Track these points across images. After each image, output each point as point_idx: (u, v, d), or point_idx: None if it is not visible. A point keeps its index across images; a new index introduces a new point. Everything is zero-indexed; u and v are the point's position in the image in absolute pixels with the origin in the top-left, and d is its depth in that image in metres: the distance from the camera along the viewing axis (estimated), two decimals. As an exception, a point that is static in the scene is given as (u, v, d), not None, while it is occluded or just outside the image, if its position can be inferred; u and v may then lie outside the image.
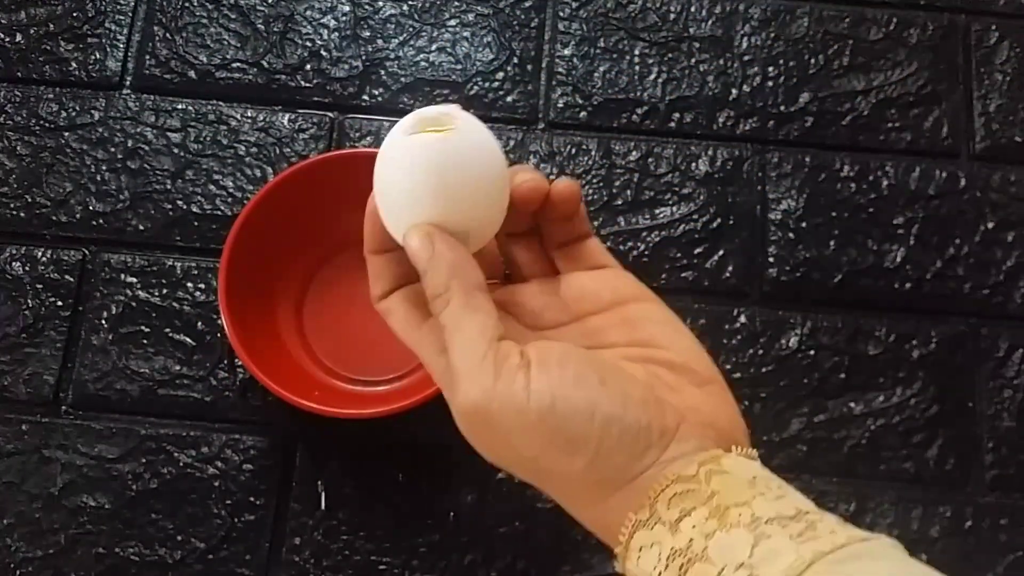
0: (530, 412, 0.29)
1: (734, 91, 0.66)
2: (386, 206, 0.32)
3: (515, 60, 0.66)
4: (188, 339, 0.60)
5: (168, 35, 0.66)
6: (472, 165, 0.31)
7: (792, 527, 0.28)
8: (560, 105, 0.65)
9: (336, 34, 0.67)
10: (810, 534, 0.27)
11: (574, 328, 0.34)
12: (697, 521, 0.28)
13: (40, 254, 0.61)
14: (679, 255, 0.62)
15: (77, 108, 0.65)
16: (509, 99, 0.65)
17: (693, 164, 0.64)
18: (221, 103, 0.65)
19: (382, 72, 0.66)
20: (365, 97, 0.65)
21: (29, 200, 0.62)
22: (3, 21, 0.66)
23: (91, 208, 0.62)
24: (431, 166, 0.31)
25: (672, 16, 0.68)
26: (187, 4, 0.67)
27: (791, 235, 0.63)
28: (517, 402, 0.29)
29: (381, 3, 0.68)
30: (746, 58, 0.67)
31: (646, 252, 0.62)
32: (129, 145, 0.64)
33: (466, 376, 0.30)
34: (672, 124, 0.65)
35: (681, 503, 0.29)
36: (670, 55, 0.67)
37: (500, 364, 0.30)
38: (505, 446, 0.30)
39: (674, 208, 0.63)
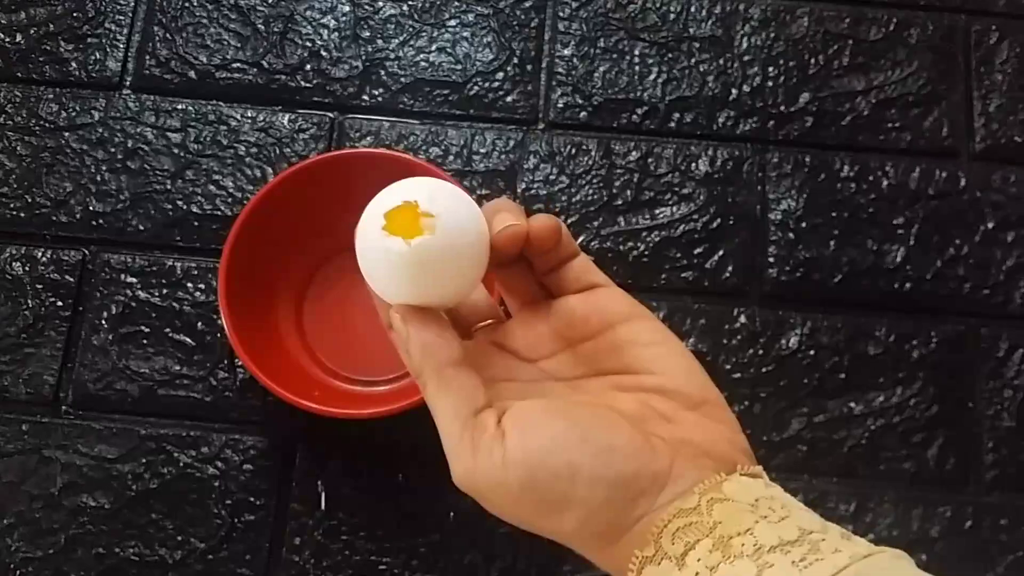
0: (510, 485, 0.30)
1: (734, 91, 0.66)
2: (369, 281, 0.33)
3: (515, 60, 0.66)
4: (188, 339, 0.60)
5: (168, 35, 0.66)
6: (449, 253, 0.31)
7: (794, 552, 0.27)
8: (560, 105, 0.65)
9: (336, 34, 0.67)
10: (812, 557, 0.27)
11: (567, 356, 0.34)
12: (702, 554, 0.28)
13: (40, 254, 0.61)
14: (679, 255, 0.62)
15: (77, 108, 0.65)
16: (509, 99, 0.65)
17: (693, 164, 0.64)
18: (221, 103, 0.65)
19: (382, 72, 0.66)
20: (365, 97, 0.65)
21: (29, 200, 0.62)
22: (3, 21, 0.66)
23: (91, 208, 0.62)
24: (407, 268, 0.31)
25: (672, 16, 0.68)
26: (187, 4, 0.67)
27: (791, 235, 0.63)
28: (496, 477, 0.30)
29: (381, 3, 0.68)
30: (746, 58, 0.67)
31: (646, 252, 0.62)
32: (129, 145, 0.64)
33: (451, 456, 0.32)
34: (672, 124, 0.65)
35: (685, 536, 0.29)
36: (670, 55, 0.67)
37: (477, 440, 0.31)
38: (500, 512, 0.31)
39: (674, 208, 0.63)
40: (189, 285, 0.61)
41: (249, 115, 0.65)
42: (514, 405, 0.32)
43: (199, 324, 0.60)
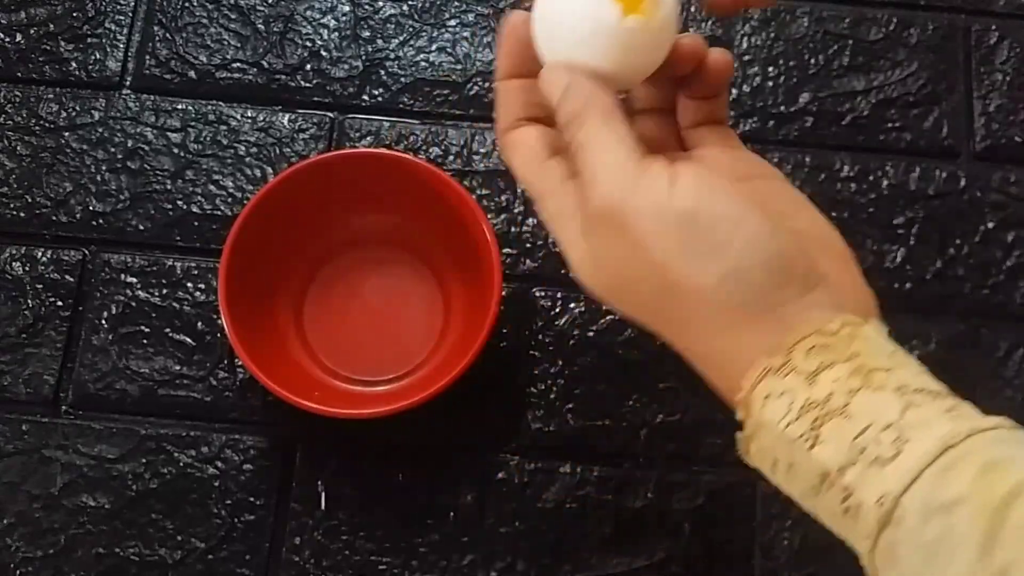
0: (670, 213, 0.28)
1: (734, 91, 0.66)
2: (545, 37, 0.31)
3: (515, 60, 0.66)
4: (188, 339, 0.60)
5: (168, 35, 0.66)
6: (650, 42, 0.31)
7: (941, 402, 0.26)
8: (560, 105, 0.65)
9: (336, 34, 0.67)
10: (960, 411, 0.26)
11: None
12: (839, 376, 0.27)
13: (40, 254, 0.61)
14: (679, 255, 0.62)
15: (77, 108, 0.65)
16: (509, 99, 0.65)
17: (693, 164, 0.64)
18: (221, 103, 0.65)
19: (382, 72, 0.66)
20: (365, 97, 0.65)
21: (29, 200, 0.62)
22: (3, 21, 0.66)
23: (91, 208, 0.62)
24: (607, 40, 0.30)
25: (672, 16, 0.68)
26: (187, 4, 0.67)
27: (791, 235, 0.63)
28: (657, 200, 0.28)
29: (381, 3, 0.68)
30: (746, 58, 0.67)
31: (646, 252, 0.62)
32: (129, 145, 0.64)
33: (605, 176, 0.29)
34: (672, 124, 0.65)
35: (821, 356, 0.27)
36: (670, 55, 0.67)
37: (644, 166, 0.29)
38: (634, 254, 0.29)
39: (674, 208, 0.63)
40: (189, 285, 0.61)
41: (249, 115, 0.65)
42: (687, 160, 0.30)
43: (199, 324, 0.60)
